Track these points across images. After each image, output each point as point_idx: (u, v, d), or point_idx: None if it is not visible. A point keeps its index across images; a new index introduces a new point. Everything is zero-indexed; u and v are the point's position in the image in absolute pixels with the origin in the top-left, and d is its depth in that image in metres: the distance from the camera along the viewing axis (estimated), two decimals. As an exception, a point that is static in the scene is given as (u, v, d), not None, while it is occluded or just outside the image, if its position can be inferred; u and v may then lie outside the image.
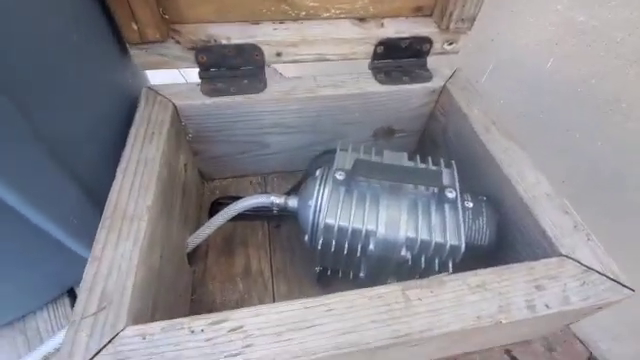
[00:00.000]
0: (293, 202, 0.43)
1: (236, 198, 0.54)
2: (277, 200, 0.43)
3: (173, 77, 0.57)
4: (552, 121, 0.64)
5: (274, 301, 0.44)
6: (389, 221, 0.34)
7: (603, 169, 0.59)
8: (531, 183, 0.37)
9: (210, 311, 0.26)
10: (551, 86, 0.59)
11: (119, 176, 0.34)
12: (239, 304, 0.44)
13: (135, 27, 0.40)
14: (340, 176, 0.37)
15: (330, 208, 0.35)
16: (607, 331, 0.54)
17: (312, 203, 0.38)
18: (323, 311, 0.27)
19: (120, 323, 0.25)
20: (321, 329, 0.26)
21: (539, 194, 0.36)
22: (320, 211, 0.37)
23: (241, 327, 0.25)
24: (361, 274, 0.39)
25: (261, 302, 0.44)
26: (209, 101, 0.45)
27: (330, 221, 0.35)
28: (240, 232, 0.51)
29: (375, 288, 0.28)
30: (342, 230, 0.35)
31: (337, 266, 0.41)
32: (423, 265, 0.35)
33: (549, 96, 0.60)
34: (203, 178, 0.57)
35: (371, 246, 0.34)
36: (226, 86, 0.46)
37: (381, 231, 0.34)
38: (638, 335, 0.55)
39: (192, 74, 0.47)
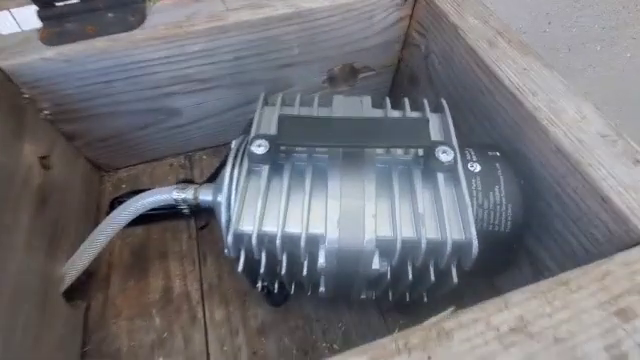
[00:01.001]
0: (206, 195, 0.28)
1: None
2: (181, 194, 0.28)
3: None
4: (562, 34, 0.49)
5: (206, 336, 0.31)
6: (345, 216, 0.20)
7: (632, 88, 0.45)
8: (573, 119, 0.22)
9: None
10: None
11: None
12: (156, 348, 0.30)
13: None
14: (259, 149, 0.21)
15: (245, 205, 0.21)
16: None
17: (222, 198, 0.23)
18: None
19: None
20: None
21: (589, 136, 0.21)
22: (231, 211, 0.22)
23: None
24: (321, 289, 0.25)
25: (187, 340, 0.31)
26: (51, 53, 0.28)
27: (245, 227, 0.20)
28: (156, 239, 0.36)
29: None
30: (267, 239, 0.20)
31: (283, 282, 0.27)
32: (410, 276, 0.21)
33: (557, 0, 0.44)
34: (100, 169, 0.41)
35: (320, 260, 0.20)
36: (78, 26, 0.29)
37: (332, 235, 0.20)
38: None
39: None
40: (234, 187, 0.23)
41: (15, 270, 0.25)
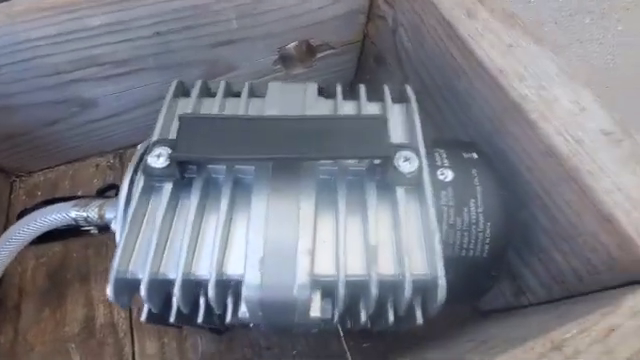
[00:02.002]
0: (113, 212, 0.22)
1: (65, 201, 0.32)
2: (82, 212, 0.22)
3: None
4: (547, 5, 0.44)
5: (135, 375, 0.26)
6: (271, 252, 0.15)
7: (621, 65, 0.41)
8: (569, 111, 0.17)
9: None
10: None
11: None
12: (74, 392, 0.25)
13: None
14: (159, 160, 0.16)
15: (130, 237, 0.15)
16: None
17: (117, 225, 0.17)
18: None
19: None
20: None
21: (588, 134, 0.17)
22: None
23: None
24: (260, 327, 0.20)
25: (112, 381, 0.26)
26: None
27: (128, 269, 0.15)
28: (76, 257, 0.30)
29: None
30: (159, 286, 0.15)
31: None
32: (364, 318, 0.17)
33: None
34: (9, 174, 0.34)
35: (242, 309, 0.15)
36: None
37: (251, 280, 0.14)
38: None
39: None
40: (125, 214, 0.17)
41: None
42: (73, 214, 0.22)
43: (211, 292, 0.14)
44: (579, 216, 0.16)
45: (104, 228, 0.23)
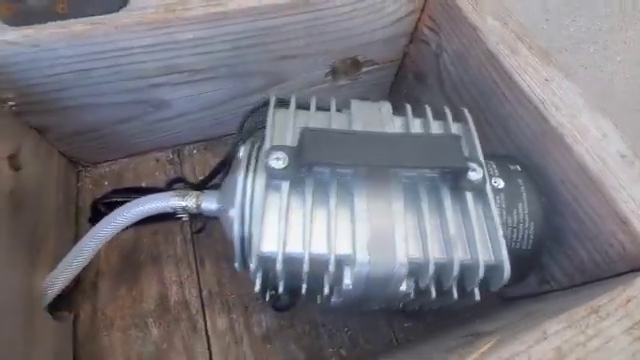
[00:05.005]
0: (210, 203, 0.25)
1: (133, 191, 0.35)
2: (181, 202, 0.26)
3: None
4: (558, 33, 0.49)
5: (209, 346, 0.30)
6: (375, 238, 0.19)
7: (618, 91, 0.47)
8: (595, 137, 0.22)
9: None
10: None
11: None
12: (155, 360, 0.29)
13: None
14: (278, 162, 0.20)
15: (266, 224, 0.19)
16: None
17: (235, 213, 0.21)
18: None
19: None
20: None
21: (610, 156, 0.22)
22: (251, 228, 0.21)
23: None
24: (333, 299, 0.25)
25: (189, 351, 0.29)
26: (15, 35, 0.24)
27: (268, 249, 0.19)
28: (147, 242, 0.34)
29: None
30: (291, 261, 0.19)
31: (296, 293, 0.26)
32: (434, 295, 0.21)
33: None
34: (77, 164, 0.37)
35: (346, 281, 0.19)
36: (47, 2, 0.25)
37: (362, 258, 0.19)
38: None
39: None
40: (248, 201, 0.21)
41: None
42: (173, 203, 0.26)
43: (331, 267, 0.18)
44: (602, 219, 0.21)
45: (195, 215, 0.27)
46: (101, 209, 0.33)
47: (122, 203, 0.32)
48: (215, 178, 0.34)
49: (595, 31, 0.42)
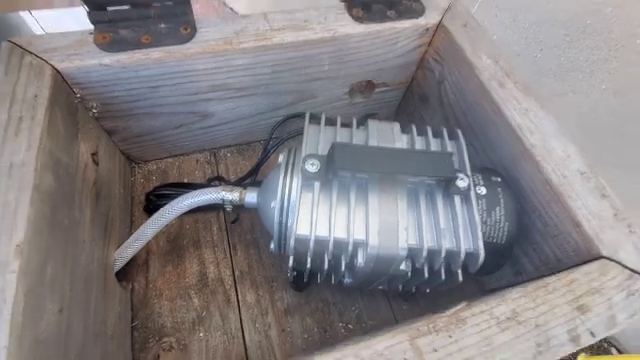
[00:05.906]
0: (251, 197, 0.32)
1: (178, 186, 0.42)
2: (229, 195, 0.32)
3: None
4: (550, 61, 0.55)
5: (240, 315, 0.36)
6: (383, 227, 0.25)
7: (602, 115, 0.52)
8: (560, 157, 0.28)
9: (160, 339, 0.17)
10: (552, 16, 0.49)
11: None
12: (196, 325, 0.35)
13: None
14: (312, 167, 0.26)
15: (301, 213, 0.25)
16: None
17: (276, 205, 0.27)
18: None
19: None
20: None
21: (571, 172, 0.28)
22: (288, 217, 0.27)
23: None
24: (346, 280, 0.31)
25: (224, 318, 0.35)
26: (109, 59, 0.30)
27: (303, 232, 0.25)
28: (189, 229, 0.40)
29: (372, 341, 0.20)
30: (320, 242, 0.25)
31: (315, 273, 0.32)
32: (426, 275, 0.27)
33: (550, 31, 0.50)
34: (131, 161, 0.43)
35: (359, 260, 0.26)
36: (134, 34, 0.31)
37: (373, 242, 0.25)
38: None
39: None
40: (286, 196, 0.27)
41: (85, 261, 0.28)
42: (223, 195, 0.32)
43: (350, 248, 0.25)
44: (561, 222, 0.27)
45: (238, 207, 0.33)
46: (153, 199, 0.40)
47: (169, 195, 0.39)
48: (247, 179, 0.40)
49: (583, 62, 0.48)
